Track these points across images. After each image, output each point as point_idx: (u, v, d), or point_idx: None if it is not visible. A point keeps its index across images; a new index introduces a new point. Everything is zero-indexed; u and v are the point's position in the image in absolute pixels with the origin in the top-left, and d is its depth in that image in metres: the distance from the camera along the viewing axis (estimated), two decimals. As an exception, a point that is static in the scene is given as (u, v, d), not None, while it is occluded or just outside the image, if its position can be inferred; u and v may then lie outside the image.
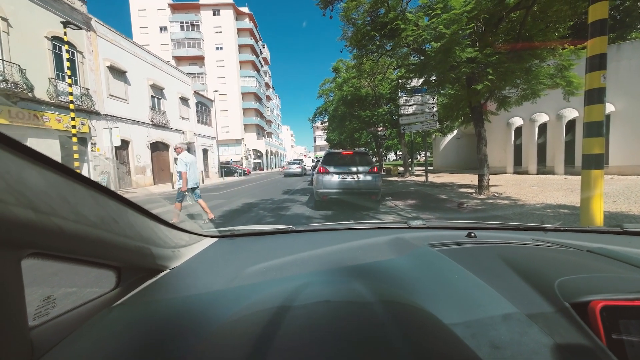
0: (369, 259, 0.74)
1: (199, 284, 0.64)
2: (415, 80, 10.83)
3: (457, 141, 19.39)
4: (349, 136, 21.30)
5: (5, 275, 0.34)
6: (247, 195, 9.50)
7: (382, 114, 15.10)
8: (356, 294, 0.49)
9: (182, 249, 0.77)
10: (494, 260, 0.66)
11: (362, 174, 6.10)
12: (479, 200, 6.36)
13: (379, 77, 14.12)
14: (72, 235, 0.38)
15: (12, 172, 0.31)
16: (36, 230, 0.33)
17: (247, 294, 0.56)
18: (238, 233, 1.07)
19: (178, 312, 0.51)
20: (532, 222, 4.03)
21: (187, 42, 36.72)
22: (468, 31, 5.02)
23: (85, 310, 0.52)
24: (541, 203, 5.63)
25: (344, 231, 1.11)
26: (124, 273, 0.61)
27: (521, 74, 5.90)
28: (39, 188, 0.34)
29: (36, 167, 0.35)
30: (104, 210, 0.45)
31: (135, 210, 0.56)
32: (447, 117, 11.14)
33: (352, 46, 7.74)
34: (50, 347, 0.41)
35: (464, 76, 6.25)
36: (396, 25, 5.61)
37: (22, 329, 0.37)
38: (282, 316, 0.41)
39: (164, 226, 0.69)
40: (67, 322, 0.48)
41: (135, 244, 0.54)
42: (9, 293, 0.34)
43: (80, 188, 0.42)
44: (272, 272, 0.69)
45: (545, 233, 1.00)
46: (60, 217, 0.36)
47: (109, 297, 0.57)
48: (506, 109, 7.60)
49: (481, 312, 0.46)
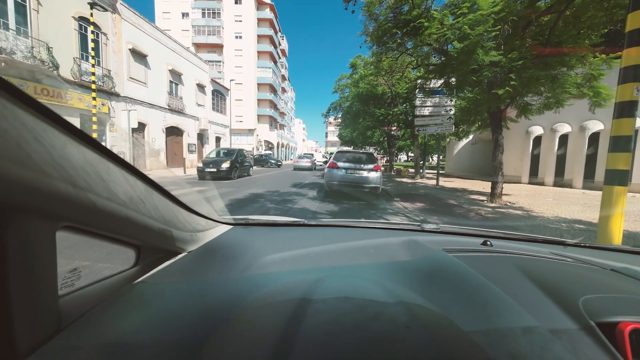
0: (382, 259, 0.74)
1: (214, 269, 0.65)
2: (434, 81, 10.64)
3: (472, 146, 18.93)
4: (361, 133, 21.09)
5: (42, 244, 0.35)
6: (255, 186, 9.59)
7: (397, 113, 14.87)
8: (374, 293, 0.48)
9: (199, 234, 0.78)
10: (512, 271, 0.65)
11: (367, 171, 7.06)
12: (490, 209, 6.22)
13: (396, 75, 13.87)
14: (103, 212, 0.40)
15: (57, 148, 0.33)
16: (73, 204, 0.35)
17: (263, 282, 0.57)
18: (252, 222, 1.08)
19: (196, 294, 0.53)
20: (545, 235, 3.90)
21: (207, 30, 36.95)
22: (494, 33, 4.84)
23: (107, 284, 0.54)
24: (555, 216, 5.46)
25: (356, 229, 1.11)
26: (143, 252, 0.63)
27: (546, 82, 5.66)
28: (78, 164, 0.36)
29: (77, 144, 0.37)
30: (133, 191, 0.47)
31: (160, 192, 0.58)
32: (463, 121, 10.88)
33: (372, 42, 7.59)
34: (76, 317, 0.42)
35: (485, 80, 6.07)
36: (419, 23, 5.47)
37: (53, 296, 0.39)
38: (304, 308, 0.41)
39: (184, 210, 0.71)
40: (91, 294, 0.50)
41: (158, 225, 0.55)
42: (44, 262, 0.36)
43: (114, 167, 0.44)
44: (285, 263, 0.69)
45: (564, 248, 0.97)
46: (94, 194, 0.38)
47: (129, 274, 0.59)
48: (527, 117, 7.34)
49: (500, 323, 0.45)
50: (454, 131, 12.27)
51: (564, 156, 12.08)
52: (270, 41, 41.63)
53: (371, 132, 20.50)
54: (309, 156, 22.89)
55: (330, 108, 21.42)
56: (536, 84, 5.64)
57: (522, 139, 13.22)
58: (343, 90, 19.19)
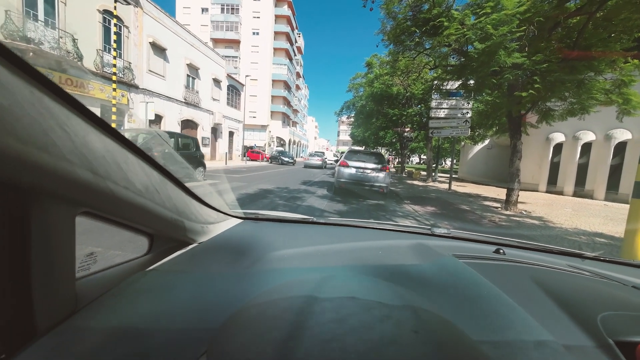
0: (390, 261, 0.73)
1: (224, 261, 0.66)
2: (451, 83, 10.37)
3: (488, 151, 18.40)
4: (373, 134, 20.88)
5: (62, 228, 0.37)
6: (265, 182, 9.66)
7: (412, 114, 14.62)
8: (382, 295, 0.47)
9: (210, 226, 0.79)
10: (526, 282, 0.63)
11: (376, 171, 7.36)
12: (504, 216, 6.02)
13: (413, 76, 13.60)
14: (120, 200, 0.41)
15: (80, 136, 0.34)
16: (92, 191, 0.36)
17: (271, 277, 0.58)
18: (262, 217, 1.09)
19: (206, 285, 0.54)
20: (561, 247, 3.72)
21: (225, 25, 37.38)
22: (518, 34, 4.64)
23: (121, 270, 0.55)
24: (575, 228, 5.22)
25: (365, 229, 1.10)
26: (155, 241, 0.64)
27: (572, 86, 5.40)
28: (98, 152, 0.37)
29: (99, 133, 0.38)
30: (149, 180, 0.49)
31: (174, 183, 0.60)
32: (480, 125, 10.56)
33: (390, 41, 7.47)
34: (91, 300, 0.44)
35: (506, 83, 5.85)
36: (439, 22, 5.32)
37: (71, 279, 0.40)
38: (311, 306, 0.41)
39: (197, 202, 0.72)
40: (106, 278, 0.51)
41: (171, 215, 0.57)
42: (64, 245, 0.38)
43: (132, 157, 0.45)
44: (293, 259, 0.70)
45: (582, 260, 0.93)
46: (112, 182, 0.39)
47: (142, 261, 0.60)
48: (549, 123, 7.05)
49: (511, 334, 0.43)
50: (469, 135, 11.95)
51: (586, 165, 11.56)
52: (286, 38, 41.73)
53: (384, 133, 20.28)
54: (320, 154, 22.86)
55: (343, 107, 21.33)
56: (561, 89, 5.39)
57: (542, 146, 12.73)
58: (357, 90, 19.04)
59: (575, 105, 6.15)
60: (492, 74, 5.31)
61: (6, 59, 0.27)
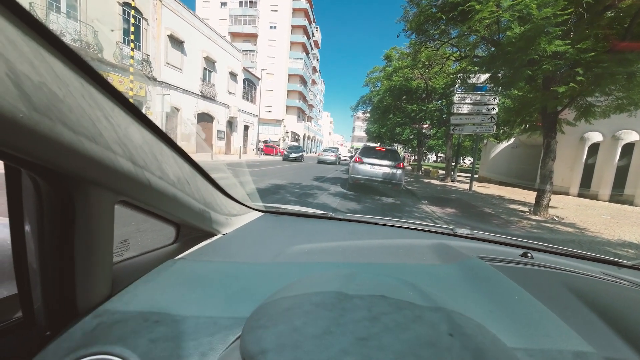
0: (412, 260, 0.72)
1: (247, 253, 0.67)
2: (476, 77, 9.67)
3: (512, 150, 17.32)
4: (390, 130, 20.19)
5: (103, 215, 0.39)
6: (277, 177, 9.48)
7: (432, 109, 13.91)
8: (410, 295, 0.44)
9: (234, 218, 0.81)
10: (559, 289, 0.61)
11: (390, 167, 7.28)
12: (534, 222, 5.49)
13: (435, 68, 12.88)
14: (155, 190, 0.43)
15: (122, 127, 0.37)
16: (131, 180, 0.38)
17: (295, 270, 0.59)
18: (282, 211, 1.10)
19: (232, 275, 0.54)
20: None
21: (243, 19, 37.38)
22: (564, 17, 4.07)
23: (151, 257, 0.58)
24: (617, 238, 4.65)
25: (383, 227, 1.08)
26: (182, 230, 0.67)
27: (621, 79, 4.75)
28: (138, 144, 0.39)
29: (138, 124, 0.41)
30: (180, 171, 0.52)
31: (203, 175, 0.63)
32: (506, 122, 9.82)
33: (412, 30, 6.97)
34: (125, 285, 0.46)
35: (542, 75, 5.26)
36: (469, 6, 4.80)
37: (109, 264, 0.42)
38: (342, 302, 0.40)
39: (222, 194, 0.75)
40: (138, 264, 0.53)
41: (199, 206, 0.59)
42: (104, 231, 0.40)
43: (166, 148, 0.48)
44: (314, 254, 0.70)
45: (619, 269, 0.88)
46: (150, 172, 0.41)
47: (170, 250, 0.63)
48: (588, 121, 6.35)
49: (547, 343, 0.41)
50: (494, 132, 11.19)
51: (626, 168, 10.54)
52: (304, 32, 41.24)
53: (400, 129, 19.55)
54: (334, 150, 22.49)
55: (359, 102, 20.71)
56: (609, 82, 4.75)
57: (575, 146, 11.76)
58: (374, 84, 18.39)
59: (622, 101, 5.46)
60: (528, 64, 4.75)
61: (61, 52, 0.29)
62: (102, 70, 10.81)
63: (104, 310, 0.39)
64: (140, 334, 0.36)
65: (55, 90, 0.27)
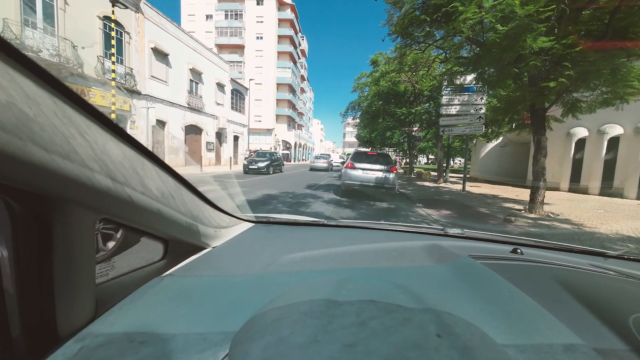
0: (405, 263, 0.72)
1: (238, 265, 0.66)
2: (462, 78, 9.75)
3: (501, 149, 17.57)
4: (380, 134, 20.26)
5: (83, 235, 0.38)
6: (269, 186, 9.24)
7: (420, 112, 13.98)
8: (400, 298, 0.44)
9: (223, 230, 0.80)
10: (548, 283, 0.62)
11: (382, 172, 7.18)
12: (530, 220, 5.41)
13: (421, 71, 13.00)
14: (138, 206, 0.42)
15: (99, 143, 0.35)
16: (111, 197, 0.37)
17: (286, 280, 0.58)
18: (273, 221, 1.09)
19: (221, 289, 0.53)
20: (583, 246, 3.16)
21: (229, 31, 37.54)
22: (547, 14, 4.07)
23: (138, 275, 0.56)
24: (616, 233, 4.58)
25: (376, 231, 1.07)
26: (170, 246, 0.64)
27: (606, 73, 4.78)
28: (117, 159, 0.38)
29: (117, 140, 0.39)
30: (164, 186, 0.50)
31: (188, 188, 0.61)
32: (494, 121, 9.90)
33: (396, 34, 6.97)
34: (110, 306, 0.44)
35: (528, 72, 5.26)
36: (453, 7, 4.80)
37: (91, 285, 0.41)
38: (331, 309, 0.39)
39: (210, 207, 0.74)
40: (124, 284, 0.51)
41: (185, 220, 0.57)
42: (85, 251, 0.39)
43: (148, 163, 0.46)
44: (307, 262, 0.69)
45: (605, 260, 0.90)
46: (131, 188, 0.40)
47: (158, 267, 0.60)
48: (575, 116, 6.39)
49: (538, 338, 0.41)
50: (483, 132, 11.27)
51: (614, 161, 10.71)
52: (290, 41, 41.63)
53: (391, 133, 19.65)
54: (326, 156, 22.39)
55: (348, 108, 20.75)
56: (595, 77, 4.77)
57: (562, 142, 11.94)
58: (362, 89, 18.49)
59: (607, 95, 5.50)
60: (516, 61, 4.74)
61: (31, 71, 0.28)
62: (83, 85, 10.49)
63: (87, 333, 0.38)
64: (126, 356, 0.35)
65: (25, 109, 0.26)
